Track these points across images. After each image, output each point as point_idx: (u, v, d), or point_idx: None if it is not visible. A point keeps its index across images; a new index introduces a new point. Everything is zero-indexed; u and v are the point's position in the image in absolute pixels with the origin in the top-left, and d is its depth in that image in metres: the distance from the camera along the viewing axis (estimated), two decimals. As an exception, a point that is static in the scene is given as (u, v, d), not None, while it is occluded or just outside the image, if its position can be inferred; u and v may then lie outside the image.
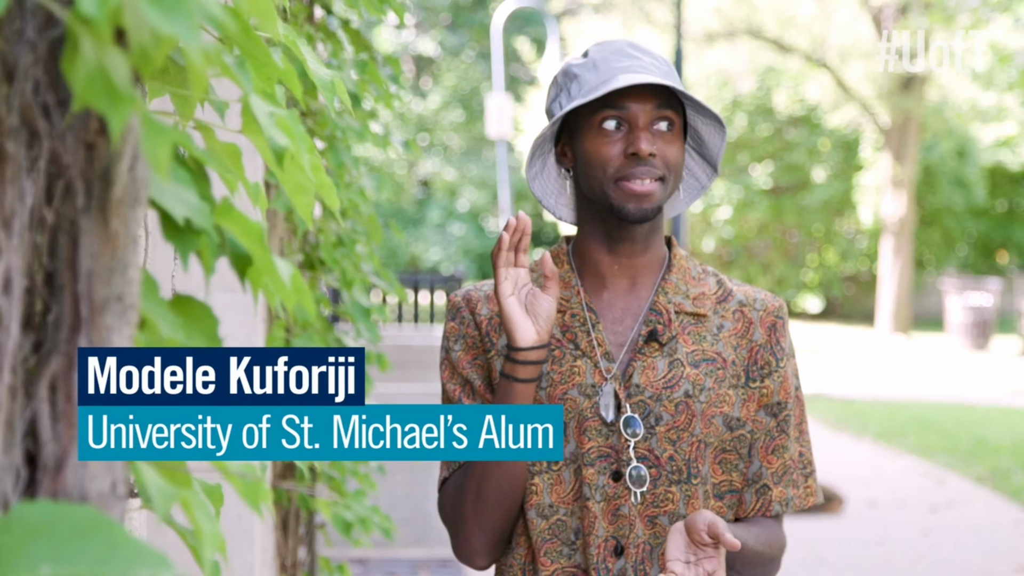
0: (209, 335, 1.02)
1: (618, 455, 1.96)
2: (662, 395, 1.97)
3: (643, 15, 21.49)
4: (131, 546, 0.82)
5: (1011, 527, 8.12)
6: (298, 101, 3.09)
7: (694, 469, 1.97)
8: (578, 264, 2.05)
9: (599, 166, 1.95)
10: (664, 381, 1.98)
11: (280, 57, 1.18)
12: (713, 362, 2.00)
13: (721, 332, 2.02)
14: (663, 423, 1.96)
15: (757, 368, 2.02)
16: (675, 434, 1.96)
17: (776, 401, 2.03)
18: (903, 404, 13.79)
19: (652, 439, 1.96)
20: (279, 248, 3.27)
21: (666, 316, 2.01)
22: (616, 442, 1.96)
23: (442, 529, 7.00)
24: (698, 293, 2.04)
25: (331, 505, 3.37)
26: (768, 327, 2.04)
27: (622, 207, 1.95)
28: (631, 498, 1.95)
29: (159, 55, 0.85)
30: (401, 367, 8.11)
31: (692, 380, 1.98)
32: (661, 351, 1.99)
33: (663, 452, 1.95)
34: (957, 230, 24.40)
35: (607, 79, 1.95)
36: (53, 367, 0.90)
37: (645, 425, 1.96)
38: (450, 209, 33.11)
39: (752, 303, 2.05)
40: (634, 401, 1.97)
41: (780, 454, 2.03)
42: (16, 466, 0.88)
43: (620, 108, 1.95)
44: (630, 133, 1.95)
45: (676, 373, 1.98)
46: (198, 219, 0.96)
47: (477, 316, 2.04)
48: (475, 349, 2.03)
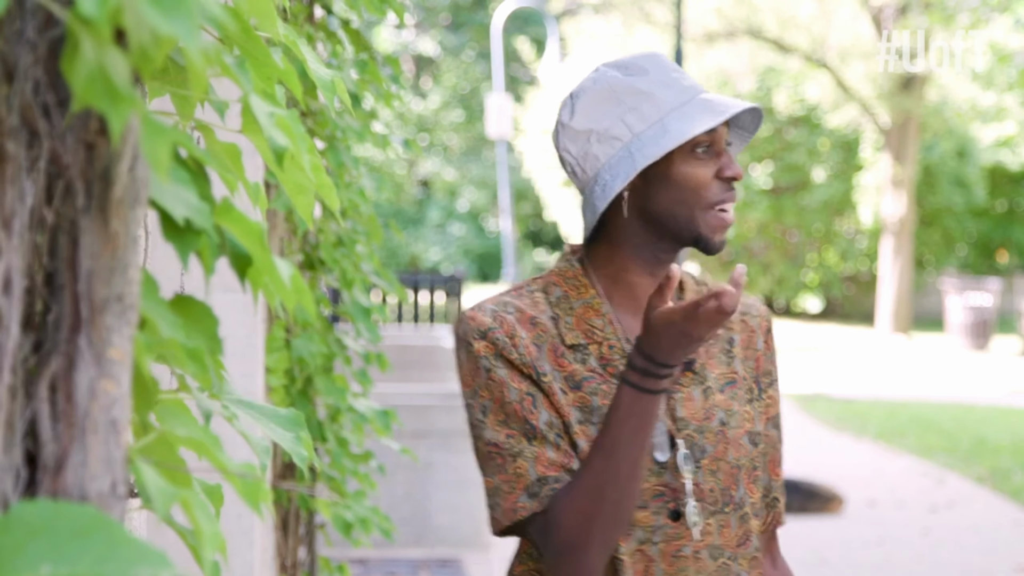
0: (209, 335, 1.02)
1: (675, 493, 1.88)
2: (704, 427, 1.91)
3: (643, 15, 21.49)
4: (131, 546, 0.82)
5: (1011, 527, 8.12)
6: (298, 101, 3.09)
7: (726, 497, 1.91)
8: (604, 286, 1.93)
9: (692, 191, 1.86)
10: (703, 412, 1.91)
11: (280, 57, 1.18)
12: (734, 383, 1.95)
13: (733, 347, 1.97)
14: (707, 455, 1.90)
15: (762, 378, 1.99)
16: (715, 464, 1.90)
17: (777, 412, 2.01)
18: (903, 404, 13.79)
19: (699, 473, 1.89)
20: (279, 248, 3.27)
21: None
22: (671, 480, 1.88)
23: (442, 529, 6.99)
24: None
25: (331, 505, 3.37)
26: (765, 332, 2.01)
27: (711, 237, 1.88)
28: (692, 537, 1.87)
29: (159, 55, 0.85)
30: (401, 367, 8.11)
31: (723, 407, 1.93)
32: (694, 379, 1.92)
33: (706, 485, 1.89)
34: (957, 230, 24.39)
35: (691, 98, 1.87)
36: (53, 367, 0.90)
37: (692, 459, 1.89)
38: (450, 209, 33.12)
39: (748, 310, 2.01)
40: (683, 436, 1.89)
41: (779, 463, 2.01)
42: (16, 466, 0.88)
43: (712, 131, 1.87)
44: (718, 156, 1.87)
45: (710, 402, 1.92)
46: (198, 219, 0.96)
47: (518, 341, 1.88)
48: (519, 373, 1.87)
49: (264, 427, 1.20)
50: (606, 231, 1.93)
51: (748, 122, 1.99)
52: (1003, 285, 23.05)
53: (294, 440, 1.20)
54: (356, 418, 3.51)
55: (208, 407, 1.12)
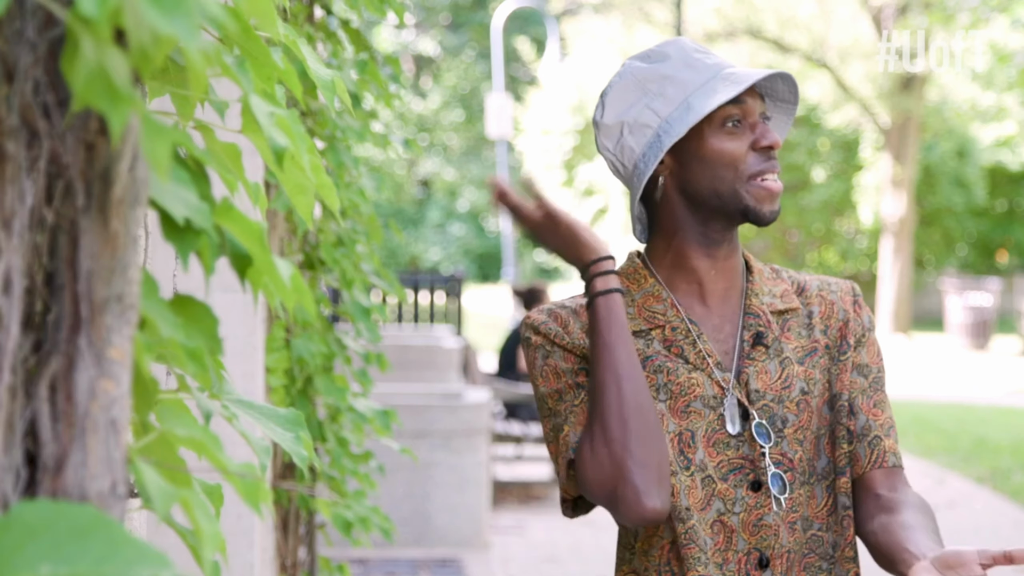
0: (209, 335, 1.02)
1: (753, 464, 1.90)
2: (782, 396, 1.92)
3: (643, 15, 21.50)
4: (131, 546, 0.82)
5: (1011, 527, 8.12)
6: (298, 101, 3.09)
7: (812, 467, 1.92)
8: (665, 275, 1.96)
9: (729, 165, 1.88)
10: (781, 382, 1.93)
11: (280, 57, 1.18)
12: (815, 352, 1.96)
13: (812, 319, 1.98)
14: (790, 424, 1.91)
15: (848, 342, 1.98)
16: (801, 434, 1.91)
17: (864, 363, 1.98)
18: (903, 404, 13.79)
19: (783, 442, 1.90)
20: (279, 248, 3.27)
21: (764, 317, 1.95)
22: (748, 452, 1.90)
23: (442, 529, 7.00)
24: (782, 290, 2.00)
25: (331, 505, 3.37)
26: (851, 303, 2.01)
27: (759, 208, 1.90)
28: (774, 506, 1.88)
29: (159, 55, 0.85)
30: (401, 367, 8.11)
31: (804, 377, 1.94)
32: (767, 353, 1.94)
33: (795, 454, 1.90)
34: (957, 230, 24.39)
35: (715, 74, 1.89)
36: (53, 367, 0.90)
37: (773, 429, 1.90)
38: (450, 209, 33.12)
39: (828, 287, 2.02)
40: (758, 407, 1.91)
41: (883, 408, 1.97)
42: (16, 466, 0.88)
43: (740, 103, 1.88)
44: (752, 128, 1.89)
45: (788, 372, 1.93)
46: (198, 219, 0.96)
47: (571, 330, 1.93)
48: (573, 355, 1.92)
49: (264, 427, 1.20)
50: (659, 223, 1.96)
51: (786, 93, 1.98)
52: (1003, 285, 23.05)
53: (294, 440, 1.20)
54: (356, 418, 3.51)
55: (208, 407, 1.12)
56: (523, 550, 7.33)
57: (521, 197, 1.92)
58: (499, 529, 7.74)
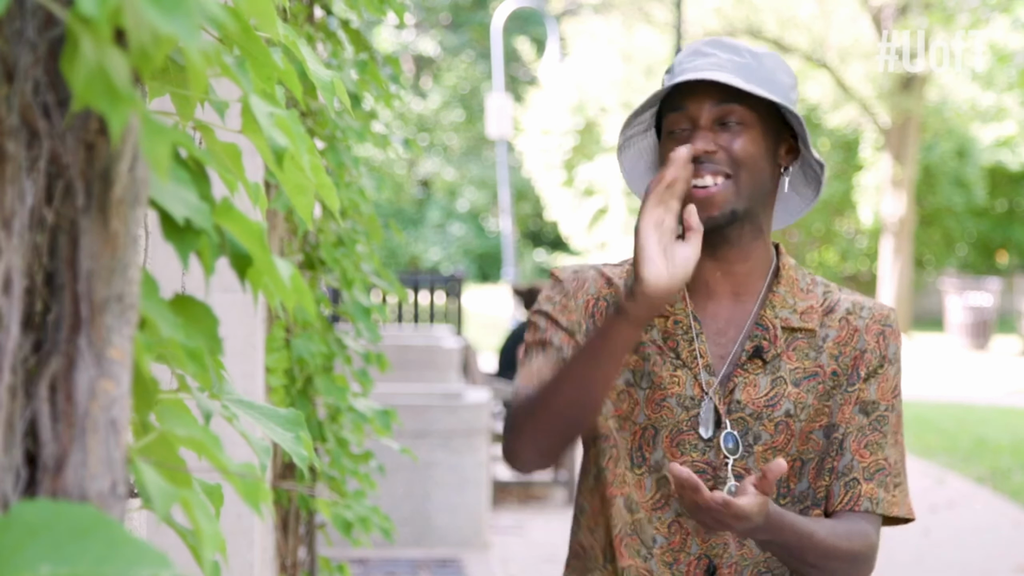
0: (209, 335, 1.02)
1: (715, 472, 1.91)
2: (763, 414, 1.92)
3: (643, 15, 21.50)
4: (131, 546, 0.82)
5: (1011, 527, 8.12)
6: (298, 101, 3.09)
7: (783, 488, 1.92)
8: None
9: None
10: (766, 399, 1.92)
11: (280, 57, 1.18)
12: (815, 376, 1.94)
13: (825, 343, 1.96)
14: (761, 442, 1.91)
15: (859, 373, 1.96)
16: (772, 454, 1.91)
17: (871, 400, 1.97)
18: (903, 404, 13.78)
19: (749, 458, 1.91)
20: (279, 248, 3.27)
21: (772, 332, 1.94)
22: (713, 458, 1.91)
23: (442, 529, 7.00)
24: (806, 307, 1.97)
25: (331, 505, 3.37)
26: (876, 334, 1.98)
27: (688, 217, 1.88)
28: None
29: (159, 55, 0.85)
30: (401, 367, 8.11)
31: (794, 399, 1.92)
32: (764, 368, 1.93)
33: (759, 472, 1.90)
34: (957, 230, 24.39)
35: (674, 80, 1.90)
36: (53, 367, 0.90)
37: (743, 443, 1.91)
38: (450, 209, 33.12)
39: (859, 311, 1.99)
40: (734, 418, 1.91)
41: (873, 451, 1.96)
42: (16, 466, 0.88)
43: (679, 109, 1.90)
44: (692, 133, 1.89)
45: (778, 392, 1.92)
46: (198, 219, 0.96)
47: (584, 294, 1.97)
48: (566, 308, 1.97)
49: (264, 427, 1.20)
50: None
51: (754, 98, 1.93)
52: (1003, 285, 23.05)
53: (294, 440, 1.20)
54: (356, 418, 3.51)
55: (208, 407, 1.12)
56: (523, 550, 7.32)
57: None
58: (499, 529, 7.74)
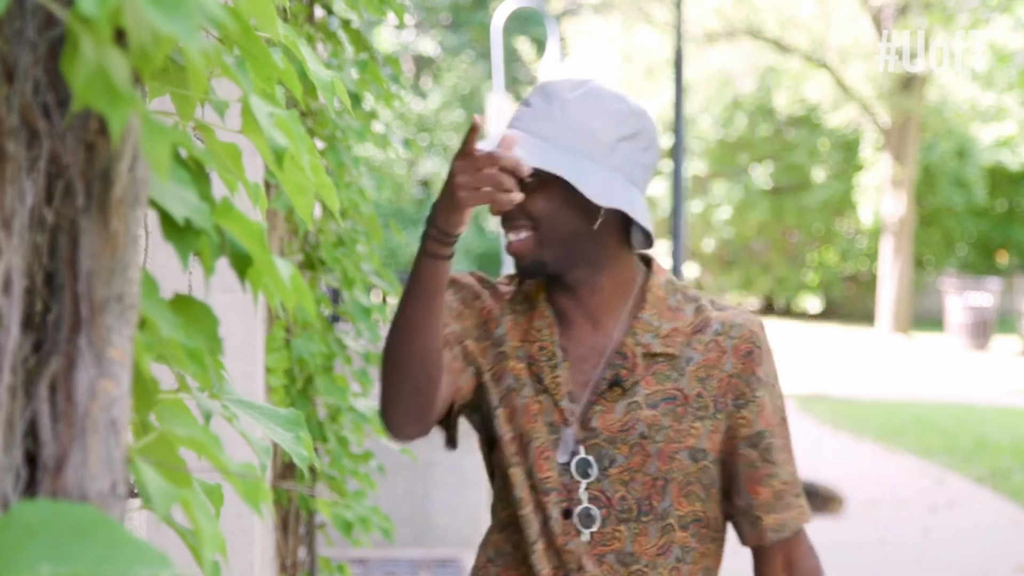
0: (209, 335, 1.02)
1: (570, 494, 1.97)
2: (616, 438, 1.97)
3: (643, 15, 21.49)
4: (131, 546, 0.82)
5: (1011, 527, 8.12)
6: (298, 101, 3.09)
7: (646, 507, 1.97)
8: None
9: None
10: (620, 424, 1.97)
11: (280, 57, 1.18)
12: (673, 399, 1.97)
13: (688, 366, 1.98)
14: (616, 465, 1.97)
15: (730, 399, 1.98)
16: (628, 475, 1.96)
17: (756, 431, 1.99)
18: (903, 404, 13.79)
19: (605, 480, 1.96)
20: (279, 248, 3.27)
21: (631, 360, 1.97)
22: (568, 481, 1.97)
23: (442, 529, 7.00)
24: (670, 329, 1.99)
25: (331, 505, 3.37)
26: (742, 355, 1.98)
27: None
28: (580, 537, 1.96)
29: (159, 55, 0.85)
30: (401, 367, 8.10)
31: (648, 422, 1.96)
32: (620, 395, 1.98)
33: (615, 493, 1.96)
34: (957, 230, 24.39)
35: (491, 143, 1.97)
36: (53, 367, 0.90)
37: (599, 467, 1.96)
38: (450, 209, 33.04)
39: (728, 331, 1.99)
40: (589, 444, 1.97)
41: (768, 483, 2.00)
42: (16, 466, 0.88)
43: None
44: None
45: (632, 416, 1.97)
46: (198, 219, 0.96)
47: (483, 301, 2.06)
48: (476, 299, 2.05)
49: (264, 427, 1.20)
50: None
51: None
52: (1003, 285, 23.05)
53: (294, 440, 1.20)
54: (356, 418, 3.51)
55: (208, 407, 1.12)
56: (523, 550, 7.31)
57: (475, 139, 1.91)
58: (499, 529, 7.73)
